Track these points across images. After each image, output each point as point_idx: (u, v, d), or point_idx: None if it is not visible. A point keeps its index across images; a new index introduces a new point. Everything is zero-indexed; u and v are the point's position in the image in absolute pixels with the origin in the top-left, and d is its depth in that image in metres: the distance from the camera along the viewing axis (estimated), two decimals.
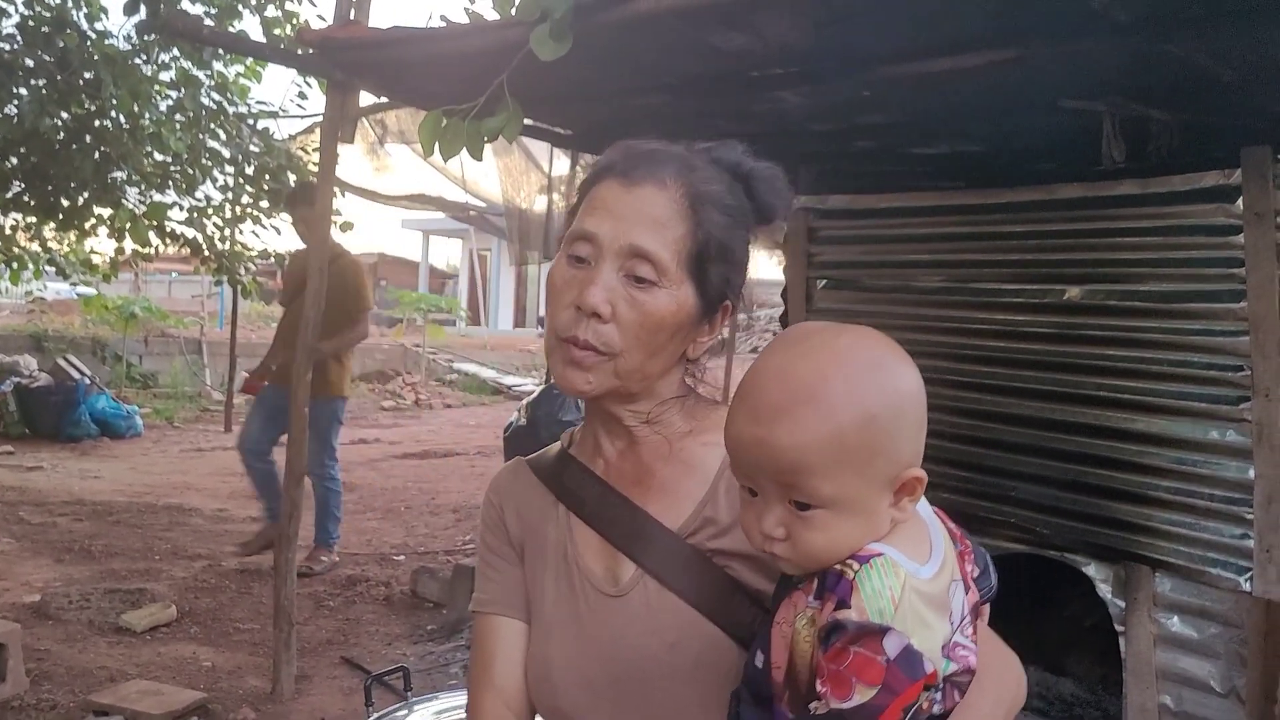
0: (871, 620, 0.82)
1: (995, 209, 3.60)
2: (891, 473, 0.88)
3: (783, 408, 0.86)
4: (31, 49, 6.02)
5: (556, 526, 1.16)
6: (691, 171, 1.08)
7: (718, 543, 1.07)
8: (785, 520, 0.88)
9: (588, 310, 1.04)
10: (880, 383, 0.88)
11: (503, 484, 1.24)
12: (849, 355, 0.89)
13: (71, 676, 4.03)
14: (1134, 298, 3.26)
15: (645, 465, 1.13)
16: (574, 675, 1.09)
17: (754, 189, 1.13)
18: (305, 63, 3.85)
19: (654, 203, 1.05)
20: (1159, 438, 3.20)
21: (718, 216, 1.07)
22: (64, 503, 7.22)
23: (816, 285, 4.11)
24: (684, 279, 1.06)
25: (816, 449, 0.85)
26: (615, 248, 1.04)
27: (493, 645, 1.16)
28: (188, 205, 7.74)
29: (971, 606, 0.93)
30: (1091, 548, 3.35)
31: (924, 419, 0.91)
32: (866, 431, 0.86)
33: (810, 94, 3.33)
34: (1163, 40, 2.46)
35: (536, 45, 2.79)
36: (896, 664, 0.81)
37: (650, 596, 1.07)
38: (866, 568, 0.85)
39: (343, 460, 9.77)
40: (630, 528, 1.10)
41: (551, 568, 1.15)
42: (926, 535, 0.93)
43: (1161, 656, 3.19)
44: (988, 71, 2.73)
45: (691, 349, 1.12)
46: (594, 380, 1.07)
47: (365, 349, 18.03)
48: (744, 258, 1.13)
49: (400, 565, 5.93)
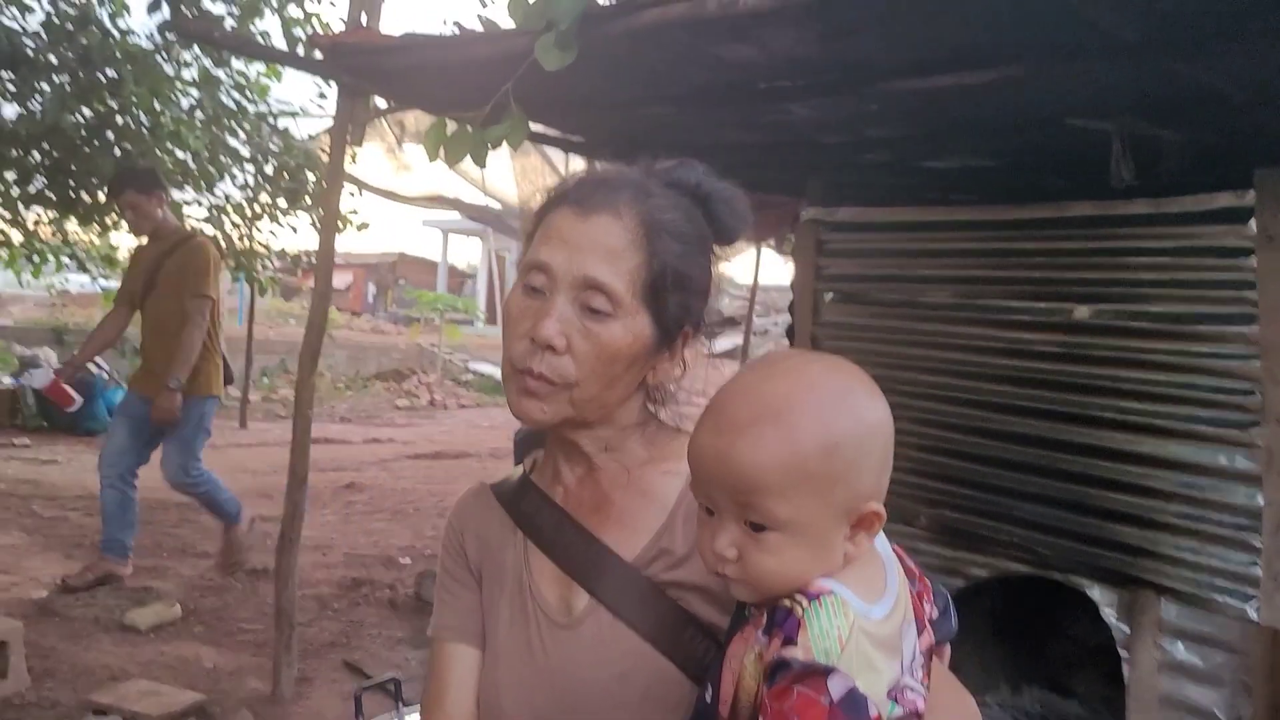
0: (817, 660, 0.81)
1: (1005, 225, 3.56)
2: (849, 503, 0.87)
3: (746, 425, 0.86)
4: (55, 46, 6.08)
5: (514, 553, 1.16)
6: (647, 199, 1.07)
7: (672, 574, 1.07)
8: (738, 541, 0.88)
9: (541, 343, 1.03)
10: (847, 412, 0.88)
11: (464, 508, 1.24)
12: (819, 382, 0.89)
13: (74, 674, 4.05)
14: (1143, 318, 3.22)
15: (604, 493, 1.13)
16: (523, 704, 1.09)
17: (713, 211, 1.12)
18: (315, 67, 3.86)
19: (608, 232, 1.04)
20: (1166, 461, 3.16)
21: (673, 244, 1.06)
22: (76, 497, 7.28)
23: (824, 298, 4.08)
24: (639, 309, 1.05)
25: (775, 469, 0.85)
26: (569, 279, 1.04)
27: (446, 672, 1.16)
28: (207, 203, 7.81)
29: (925, 649, 0.92)
30: (1095, 571, 3.31)
31: (888, 455, 0.90)
32: (828, 458, 0.85)
33: (818, 106, 3.31)
34: (1171, 59, 2.42)
35: (541, 55, 2.79)
36: (840, 707, 0.79)
37: (602, 627, 1.07)
38: (815, 605, 0.84)
39: (356, 459, 9.92)
40: (585, 557, 1.10)
41: (508, 594, 1.15)
42: (881, 574, 0.92)
43: (1165, 683, 3.14)
44: (995, 88, 2.70)
45: (651, 375, 1.12)
46: (549, 410, 1.06)
47: (381, 347, 18.15)
48: (704, 283, 1.11)
49: (406, 568, 5.94)
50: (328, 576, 5.67)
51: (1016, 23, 2.44)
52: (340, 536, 6.72)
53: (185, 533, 6.51)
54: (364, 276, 28.88)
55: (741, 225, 1.14)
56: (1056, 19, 2.34)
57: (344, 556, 6.16)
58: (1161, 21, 2.32)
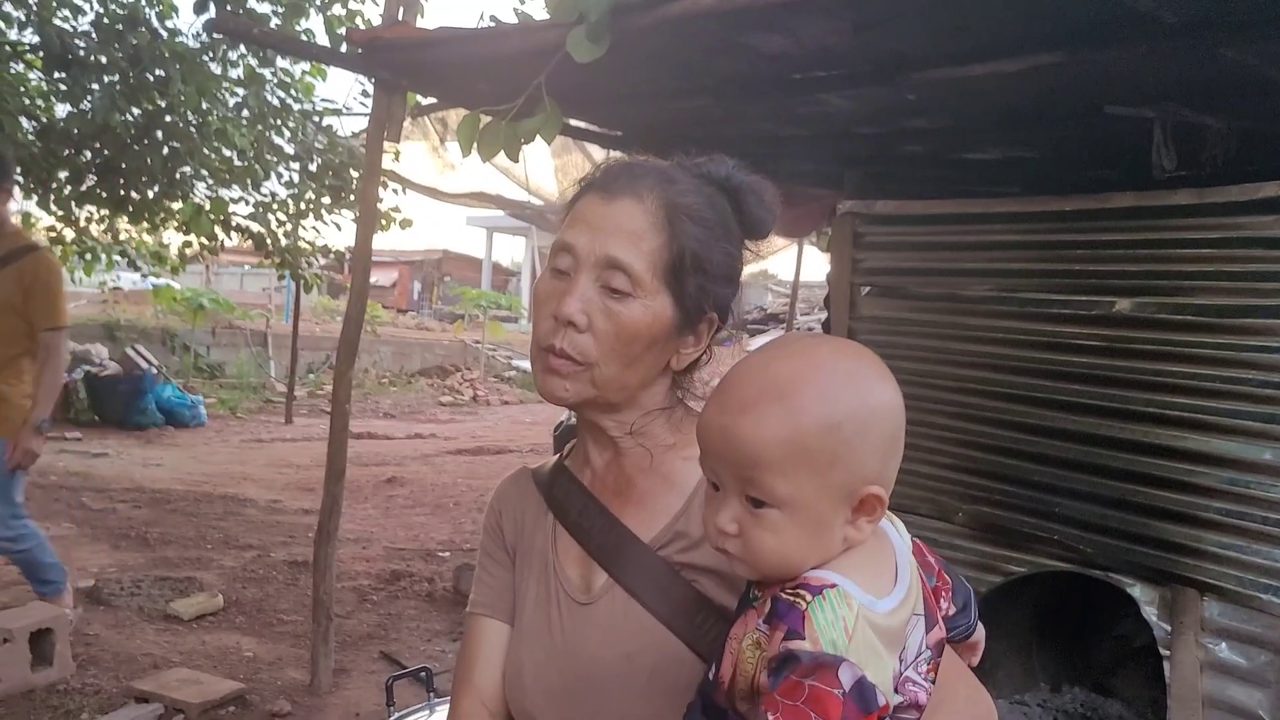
0: (825, 651, 0.80)
1: (1045, 217, 3.50)
2: (850, 485, 0.86)
3: (751, 401, 0.87)
4: (105, 46, 6.19)
5: (544, 534, 1.19)
6: (670, 184, 1.09)
7: (687, 556, 1.08)
8: (740, 517, 0.88)
9: (563, 320, 1.06)
10: (851, 392, 0.87)
11: (504, 491, 1.27)
12: (825, 362, 0.89)
13: (117, 662, 4.13)
14: (1187, 311, 3.15)
15: (627, 476, 1.15)
16: (541, 681, 1.12)
17: (742, 202, 1.12)
18: (353, 62, 3.90)
19: (630, 215, 1.06)
20: (1210, 457, 3.09)
21: (694, 228, 1.07)
22: (125, 489, 7.43)
23: (860, 291, 4.04)
24: (660, 290, 1.07)
25: (776, 444, 0.85)
26: (592, 259, 1.06)
27: (477, 646, 1.20)
28: (253, 200, 7.93)
29: (934, 643, 0.90)
30: (1137, 569, 3.24)
31: (895, 440, 0.89)
32: (828, 436, 0.85)
33: (854, 97, 3.29)
34: (1214, 44, 2.37)
35: (573, 47, 2.79)
36: (850, 696, 0.78)
37: (616, 606, 1.09)
38: (819, 599, 0.83)
39: (398, 454, 10.02)
40: (606, 538, 1.12)
41: (535, 573, 1.18)
42: (891, 566, 0.90)
43: (1208, 683, 3.08)
44: (1032, 76, 2.66)
45: (675, 361, 1.13)
46: (571, 389, 1.08)
47: (425, 344, 18.31)
48: (727, 269, 1.11)
49: (445, 562, 5.98)
50: (367, 569, 5.73)
51: (1053, 8, 2.40)
52: (380, 530, 6.80)
53: (229, 525, 6.62)
54: (409, 274, 29.17)
55: (769, 217, 1.14)
56: (1094, 3, 2.30)
57: (384, 550, 6.23)
58: (1203, 4, 2.27)
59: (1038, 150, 3.63)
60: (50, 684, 3.83)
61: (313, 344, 15.34)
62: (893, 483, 0.89)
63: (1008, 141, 3.61)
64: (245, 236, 7.91)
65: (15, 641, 3.76)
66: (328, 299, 20.87)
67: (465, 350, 18.40)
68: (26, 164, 6.73)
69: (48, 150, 6.67)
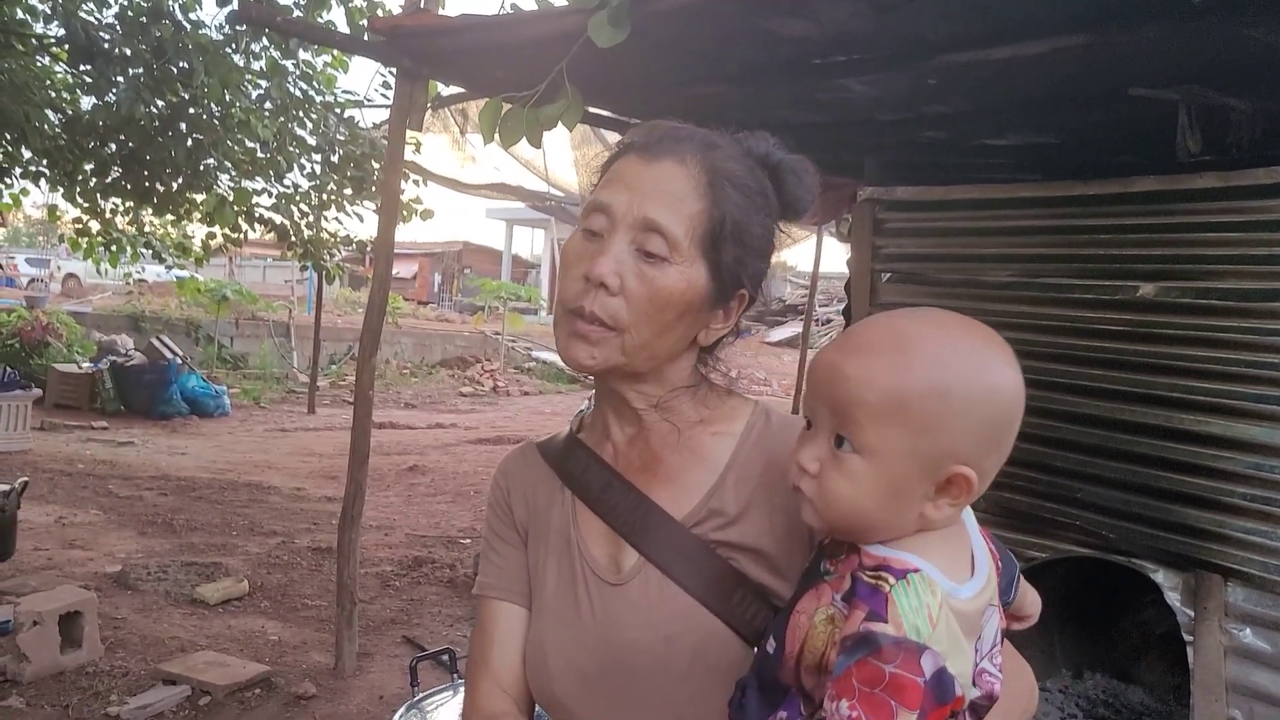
0: (909, 637, 0.78)
1: (1067, 202, 3.48)
2: (939, 458, 0.84)
3: (869, 346, 0.87)
4: (129, 38, 6.23)
5: (561, 511, 1.14)
6: (713, 150, 1.05)
7: (723, 534, 1.05)
8: (823, 457, 0.87)
9: (595, 281, 1.01)
10: (971, 369, 0.85)
11: (510, 467, 1.22)
12: (956, 334, 0.87)
13: (145, 645, 4.19)
14: (1212, 295, 3.13)
15: (653, 452, 1.11)
16: (568, 662, 1.08)
17: (782, 179, 1.09)
18: (375, 50, 3.92)
19: (671, 177, 1.02)
20: (1235, 442, 3.07)
21: (735, 195, 1.04)
22: (151, 477, 7.52)
23: (881, 278, 4.03)
24: (696, 257, 1.02)
25: (878, 389, 0.84)
26: (629, 220, 1.02)
27: (492, 630, 1.15)
28: (276, 192, 7.97)
29: (1000, 629, 0.90)
30: (1160, 554, 3.23)
31: (1002, 431, 0.86)
32: (931, 400, 0.83)
33: (875, 82, 3.27)
34: (1241, 24, 2.34)
35: (594, 32, 2.79)
36: (930, 686, 0.76)
37: (651, 586, 1.05)
38: (902, 583, 0.81)
39: (419, 443, 10.09)
40: (635, 515, 1.08)
41: (555, 553, 1.13)
42: (969, 554, 0.89)
43: (1232, 669, 3.06)
44: (1056, 59, 2.64)
45: (704, 335, 1.09)
46: (598, 355, 1.03)
47: (446, 335, 18.37)
48: (763, 244, 1.08)
49: (466, 548, 6.03)
50: (390, 555, 5.78)
51: None
52: (402, 517, 6.85)
53: (253, 512, 6.69)
54: (429, 266, 29.27)
55: (809, 196, 1.11)
56: None
57: (406, 536, 6.28)
58: None
59: (1060, 135, 3.60)
60: (79, 666, 3.89)
61: (334, 335, 15.45)
62: (990, 477, 0.86)
63: (1029, 126, 3.59)
64: (268, 228, 7.96)
65: (45, 624, 3.82)
66: (349, 290, 20.99)
67: (485, 342, 18.46)
68: (53, 156, 6.81)
69: (73, 142, 6.74)
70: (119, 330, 12.65)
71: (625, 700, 1.04)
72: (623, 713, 1.05)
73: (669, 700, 1.02)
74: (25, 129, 5.94)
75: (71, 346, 11.70)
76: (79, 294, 17.74)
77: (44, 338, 11.51)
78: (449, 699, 2.65)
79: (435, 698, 2.66)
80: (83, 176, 7.17)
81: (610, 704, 1.05)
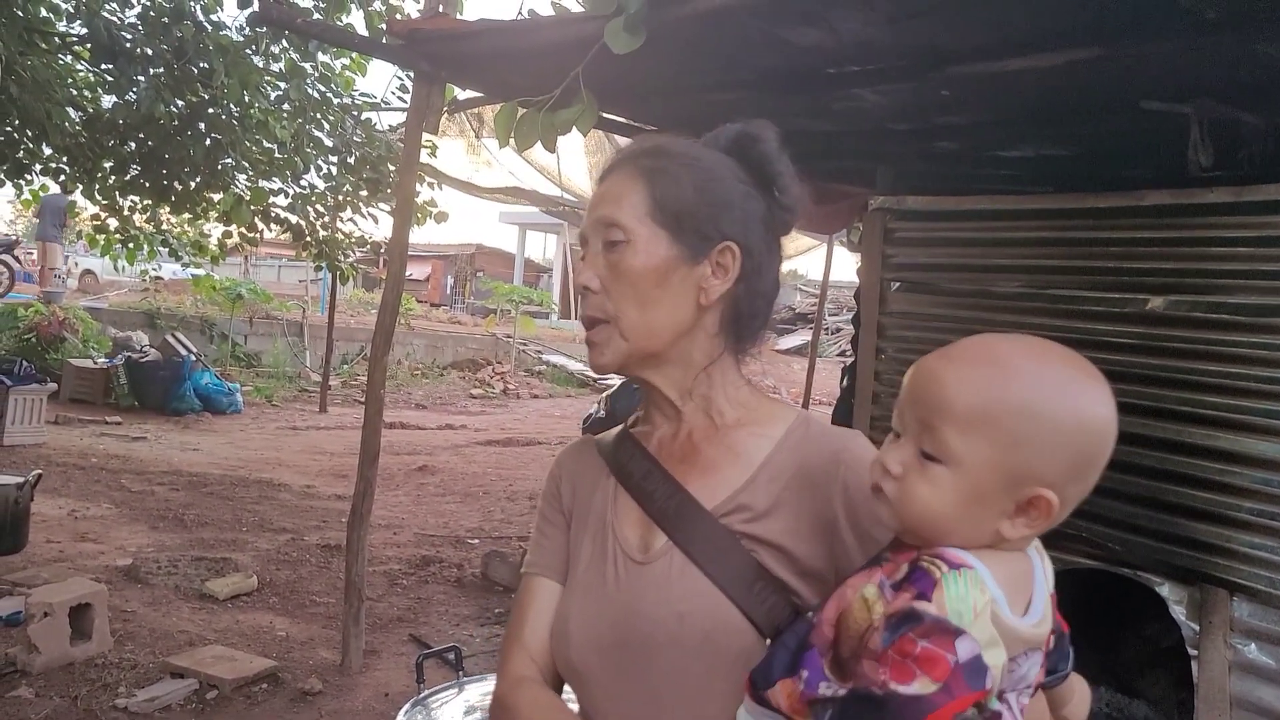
0: (949, 619, 0.81)
1: (1078, 214, 3.49)
2: (1022, 477, 0.86)
3: (967, 359, 0.90)
4: (151, 38, 6.29)
5: (603, 495, 1.22)
6: (653, 144, 1.18)
7: (749, 527, 1.10)
8: (907, 461, 0.90)
9: (579, 289, 1.15)
10: (1064, 396, 0.87)
11: (567, 457, 1.32)
12: (1056, 362, 0.89)
13: (154, 638, 4.23)
14: (1222, 309, 3.13)
15: (694, 445, 1.18)
16: (588, 632, 1.14)
17: (747, 153, 1.15)
18: (393, 53, 3.95)
19: (616, 182, 1.15)
20: (1243, 457, 3.07)
21: (674, 167, 1.13)
22: (163, 473, 7.57)
23: (891, 287, 4.05)
24: (652, 228, 1.12)
25: (968, 401, 0.86)
26: (593, 230, 1.15)
27: (529, 603, 1.22)
28: (292, 192, 8.03)
29: (1035, 683, 0.92)
30: (1166, 567, 3.23)
31: (1089, 462, 0.88)
32: (1021, 419, 0.85)
33: (888, 92, 3.29)
34: (1253, 39, 2.36)
35: (610, 38, 2.82)
36: (962, 669, 0.79)
37: (674, 568, 1.10)
38: (954, 573, 0.84)
39: (429, 444, 10.15)
40: (668, 502, 1.14)
41: (591, 532, 1.20)
42: (1028, 594, 0.91)
43: (1237, 684, 3.06)
44: (1068, 71, 2.66)
45: (703, 297, 1.13)
46: (608, 352, 1.14)
47: (458, 337, 18.43)
48: (727, 198, 1.13)
49: (474, 549, 6.05)
50: (398, 554, 5.81)
51: (1092, 1, 2.40)
52: (411, 517, 6.88)
53: (263, 509, 6.73)
54: (442, 268, 29.34)
55: (773, 153, 1.16)
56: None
57: (414, 536, 6.31)
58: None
59: (1072, 147, 3.61)
60: (89, 658, 3.93)
61: (347, 335, 15.51)
62: (1071, 505, 0.88)
63: (1041, 138, 3.60)
64: (284, 228, 8.02)
65: (55, 616, 3.86)
66: (362, 291, 21.06)
67: (497, 344, 18.50)
68: (73, 153, 6.88)
69: (93, 140, 6.81)
70: (134, 326, 12.73)
71: (636, 671, 1.10)
72: (632, 683, 1.10)
73: (678, 675, 1.08)
74: (46, 126, 6.00)
75: (87, 342, 11.78)
76: (95, 290, 17.85)
77: (60, 332, 11.59)
78: (454, 696, 2.67)
79: (440, 695, 2.68)
80: (102, 174, 7.24)
81: (622, 674, 1.11)
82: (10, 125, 6.40)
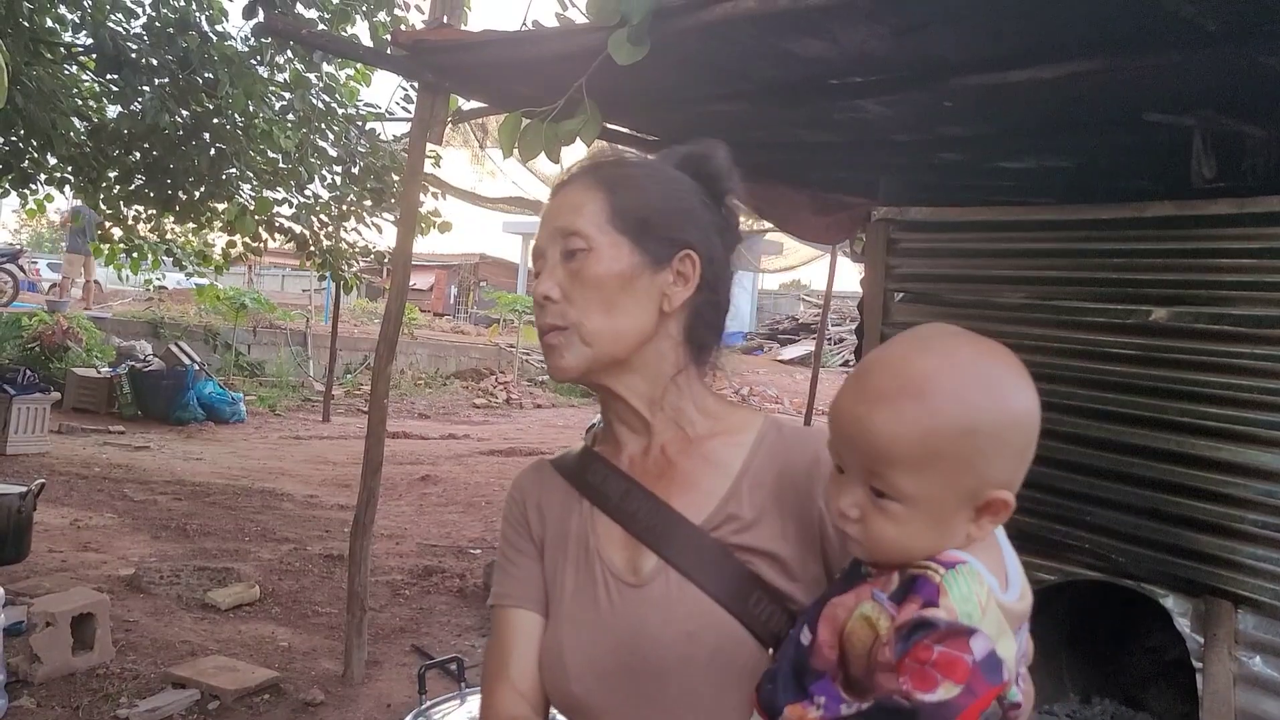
0: (961, 621, 0.81)
1: (1081, 225, 3.49)
2: (978, 489, 0.86)
3: (888, 395, 0.87)
4: (156, 49, 6.33)
5: (579, 520, 1.18)
6: (600, 156, 1.18)
7: (740, 538, 1.09)
8: (862, 504, 0.89)
9: (540, 299, 1.12)
10: (990, 397, 0.86)
11: (525, 482, 1.27)
12: (968, 363, 0.88)
13: (155, 648, 4.22)
14: (1225, 321, 3.14)
15: (668, 460, 1.15)
16: (587, 661, 1.10)
17: (697, 165, 1.16)
18: (397, 64, 3.97)
19: (570, 194, 1.14)
20: (1247, 468, 3.07)
21: (635, 177, 1.14)
22: (166, 482, 7.57)
23: (894, 298, 4.05)
24: (615, 237, 1.11)
25: (907, 443, 0.85)
26: (551, 241, 1.13)
27: (509, 638, 1.18)
28: (296, 202, 8.05)
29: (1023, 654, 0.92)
30: (1170, 579, 3.22)
31: (1029, 446, 0.89)
32: (962, 441, 0.84)
33: (891, 103, 3.30)
34: (1257, 52, 2.36)
35: (614, 49, 2.83)
36: (980, 666, 0.80)
37: (671, 587, 1.08)
38: (952, 573, 0.84)
39: (432, 454, 10.14)
40: (653, 520, 1.12)
41: (572, 560, 1.16)
42: (1003, 565, 0.91)
43: (1241, 697, 3.05)
44: (1072, 83, 2.67)
45: (666, 302, 1.12)
46: (569, 357, 1.11)
47: (461, 347, 18.44)
48: (678, 204, 1.14)
49: (476, 559, 6.04)
50: (400, 564, 5.80)
51: (1094, 14, 2.40)
52: (414, 526, 6.87)
53: (266, 518, 6.72)
54: (446, 278, 29.37)
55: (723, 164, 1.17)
56: (1134, 9, 2.30)
57: (417, 546, 6.30)
58: (1246, 11, 2.27)
59: (1074, 159, 3.62)
60: (90, 668, 3.92)
61: (351, 345, 15.52)
62: (1019, 485, 0.89)
63: (1044, 150, 3.61)
64: (288, 237, 8.04)
65: (58, 626, 3.85)
66: (366, 301, 21.09)
67: (499, 354, 18.50)
68: (78, 163, 6.91)
69: (98, 150, 6.84)
70: (138, 336, 12.75)
71: (647, 696, 1.07)
72: (645, 709, 1.08)
73: (691, 696, 1.06)
74: (51, 136, 6.03)
75: (91, 351, 11.80)
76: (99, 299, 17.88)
77: (64, 342, 11.61)
78: (456, 707, 2.66)
79: (443, 706, 2.67)
80: (106, 183, 7.27)
81: (631, 701, 1.08)
82: (16, 135, 6.43)
